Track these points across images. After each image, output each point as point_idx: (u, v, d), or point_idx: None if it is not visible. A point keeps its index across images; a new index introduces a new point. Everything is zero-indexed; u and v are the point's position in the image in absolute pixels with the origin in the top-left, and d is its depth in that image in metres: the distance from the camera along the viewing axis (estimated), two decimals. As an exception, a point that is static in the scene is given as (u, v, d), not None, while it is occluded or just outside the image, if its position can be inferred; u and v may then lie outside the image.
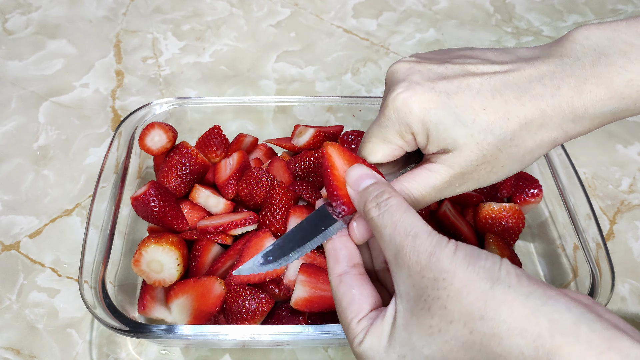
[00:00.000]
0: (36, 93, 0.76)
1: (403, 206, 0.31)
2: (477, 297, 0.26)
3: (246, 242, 0.51)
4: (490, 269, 0.27)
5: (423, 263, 0.28)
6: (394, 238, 0.29)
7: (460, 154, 0.33)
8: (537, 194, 0.58)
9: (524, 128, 0.33)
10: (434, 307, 0.27)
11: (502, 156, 0.34)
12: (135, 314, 0.50)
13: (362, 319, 0.31)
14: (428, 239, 0.28)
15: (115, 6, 0.91)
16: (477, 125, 0.33)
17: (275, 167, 0.58)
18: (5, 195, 0.64)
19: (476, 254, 0.28)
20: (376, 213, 0.31)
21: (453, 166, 0.34)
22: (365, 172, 0.34)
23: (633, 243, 0.62)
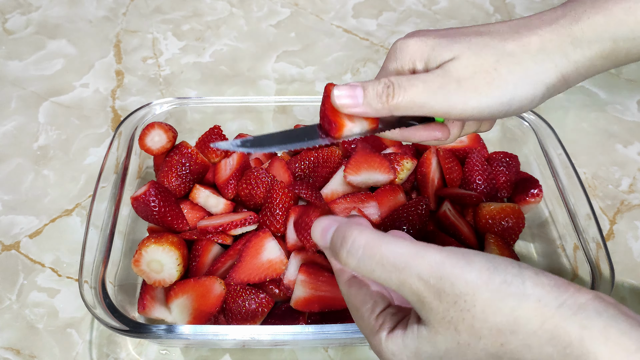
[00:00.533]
0: (36, 93, 0.76)
1: (374, 240, 0.28)
2: (506, 314, 0.26)
3: (246, 242, 0.51)
4: (513, 283, 0.26)
5: (434, 289, 0.27)
6: (389, 278, 0.28)
7: (458, 61, 0.33)
8: (537, 194, 0.58)
9: (522, 49, 0.33)
10: (460, 326, 0.27)
11: (502, 69, 0.32)
12: (135, 314, 0.50)
13: (380, 314, 0.30)
14: (425, 259, 0.27)
15: (115, 6, 0.91)
16: (474, 40, 0.33)
17: (275, 167, 0.58)
18: (5, 195, 0.64)
19: (492, 266, 0.26)
20: (354, 262, 0.29)
21: (449, 70, 0.33)
22: (325, 223, 0.31)
23: (633, 243, 0.62)
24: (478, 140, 0.63)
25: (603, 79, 0.82)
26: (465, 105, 0.33)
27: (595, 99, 0.79)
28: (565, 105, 0.78)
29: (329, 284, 0.48)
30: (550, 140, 0.59)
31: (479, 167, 0.58)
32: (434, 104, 0.33)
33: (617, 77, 0.82)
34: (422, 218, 0.54)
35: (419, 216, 0.53)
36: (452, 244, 0.53)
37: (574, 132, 0.74)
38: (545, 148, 0.59)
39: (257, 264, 0.49)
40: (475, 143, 0.62)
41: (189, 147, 0.57)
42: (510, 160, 0.60)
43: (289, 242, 0.52)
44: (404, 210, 0.54)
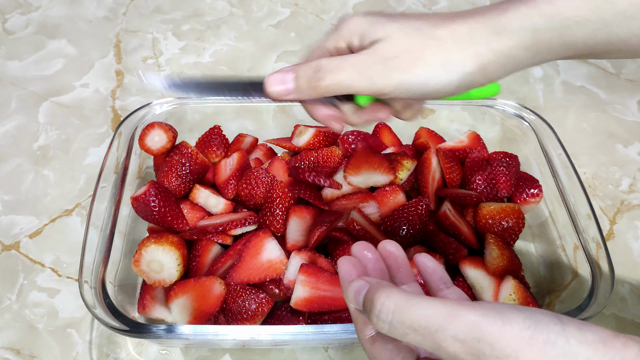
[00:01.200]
0: (36, 93, 0.76)
1: (404, 303, 0.27)
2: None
3: (246, 242, 0.51)
4: (557, 343, 0.24)
5: (473, 350, 0.25)
6: (423, 341, 0.26)
7: (388, 40, 0.34)
8: (537, 194, 0.58)
9: (449, 35, 0.34)
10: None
11: (426, 51, 0.34)
12: (135, 314, 0.50)
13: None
14: (460, 319, 0.26)
15: (115, 6, 0.91)
16: (409, 23, 0.35)
17: (275, 167, 0.58)
18: (5, 195, 0.64)
19: (532, 324, 0.25)
20: (386, 326, 0.28)
21: (377, 49, 0.34)
22: (358, 285, 0.31)
23: (633, 243, 0.62)
24: (478, 140, 0.63)
25: (603, 79, 0.82)
26: (387, 82, 0.34)
27: (595, 99, 0.79)
28: (566, 105, 0.78)
29: (329, 284, 0.48)
30: (550, 140, 0.59)
31: (479, 167, 0.58)
32: (358, 86, 0.35)
33: (617, 77, 0.82)
34: (422, 218, 0.54)
35: (419, 216, 0.53)
36: (452, 244, 0.53)
37: (574, 132, 0.74)
38: (545, 148, 0.59)
39: (257, 264, 0.49)
40: (476, 143, 0.62)
41: (189, 147, 0.57)
42: (510, 160, 0.60)
43: (288, 242, 0.52)
44: (404, 210, 0.54)
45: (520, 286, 0.49)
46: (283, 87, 0.36)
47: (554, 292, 0.55)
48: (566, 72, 0.83)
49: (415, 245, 0.54)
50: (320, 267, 0.49)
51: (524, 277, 0.53)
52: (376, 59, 0.34)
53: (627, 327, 0.55)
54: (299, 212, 0.53)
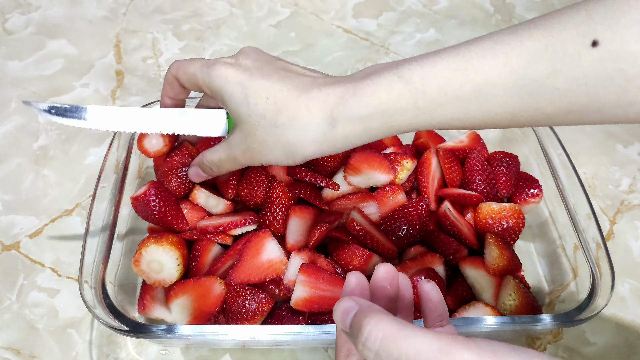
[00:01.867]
0: (36, 93, 0.76)
1: (394, 333, 0.26)
2: None
3: (246, 242, 0.51)
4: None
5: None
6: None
7: (242, 131, 0.42)
8: (537, 194, 0.58)
9: (291, 122, 0.39)
10: None
11: (269, 141, 0.40)
12: (135, 314, 0.50)
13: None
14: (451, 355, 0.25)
15: (115, 6, 0.91)
16: (258, 109, 0.40)
17: (275, 167, 0.58)
18: (5, 195, 0.64)
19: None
20: (372, 355, 0.27)
21: (236, 140, 0.43)
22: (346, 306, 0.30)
23: (633, 243, 0.62)
24: (478, 140, 0.63)
25: (603, 79, 0.82)
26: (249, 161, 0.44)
27: (595, 99, 0.79)
28: (565, 105, 0.78)
29: (329, 284, 0.48)
30: (550, 140, 0.59)
31: (479, 167, 0.58)
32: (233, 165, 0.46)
33: (617, 77, 0.82)
34: (422, 218, 0.54)
35: (419, 216, 0.53)
36: (452, 244, 0.53)
37: (574, 132, 0.74)
38: (545, 148, 0.59)
39: (257, 264, 0.49)
40: (475, 143, 0.62)
41: (190, 147, 0.57)
42: (510, 160, 0.60)
43: (288, 242, 0.52)
44: (404, 210, 0.54)
45: (520, 286, 0.49)
46: (199, 176, 0.50)
47: (553, 292, 0.55)
48: (566, 72, 0.83)
49: (415, 245, 0.54)
50: (320, 267, 0.49)
51: (523, 277, 0.53)
52: (235, 147, 0.43)
53: (627, 327, 0.55)
54: (299, 212, 0.53)
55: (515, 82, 0.34)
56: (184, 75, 0.45)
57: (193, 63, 0.45)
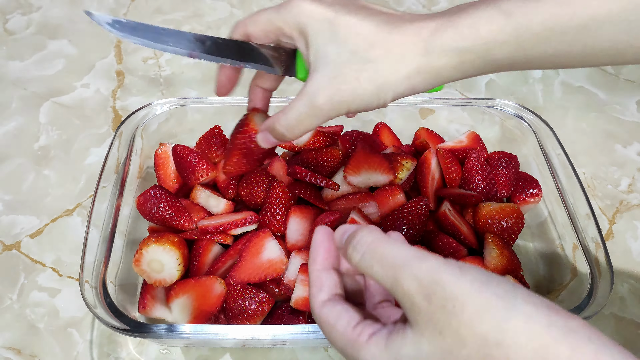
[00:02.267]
0: (37, 93, 0.77)
1: (381, 240, 0.30)
2: (493, 325, 0.25)
3: (246, 241, 0.51)
4: (504, 297, 0.26)
5: (426, 291, 0.27)
6: (385, 275, 0.28)
7: (328, 70, 0.38)
8: (536, 194, 0.59)
9: (384, 57, 0.37)
10: (445, 330, 0.26)
11: (362, 77, 0.37)
12: (135, 314, 0.50)
13: (357, 326, 0.30)
14: (424, 262, 0.27)
15: (116, 7, 0.91)
16: (348, 45, 0.37)
17: (275, 167, 0.59)
18: (6, 195, 0.64)
19: (485, 279, 0.26)
20: (358, 257, 0.30)
21: (321, 83, 0.38)
22: (343, 230, 0.33)
23: (632, 243, 0.62)
24: (478, 140, 0.63)
25: (602, 79, 0.82)
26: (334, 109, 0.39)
27: (594, 99, 0.79)
28: (565, 106, 0.78)
29: (329, 284, 0.48)
30: (549, 141, 0.59)
31: (479, 167, 0.58)
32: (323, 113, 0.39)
33: (617, 78, 0.82)
34: (422, 218, 0.54)
35: (418, 216, 0.53)
36: (451, 244, 0.53)
37: (573, 132, 0.74)
38: (544, 148, 0.59)
39: (258, 263, 0.49)
40: (475, 143, 0.62)
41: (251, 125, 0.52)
42: (510, 160, 0.60)
43: (289, 242, 0.52)
44: (404, 210, 0.54)
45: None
46: (270, 142, 0.42)
47: (553, 292, 0.55)
48: (565, 73, 0.83)
49: (415, 245, 0.54)
50: (320, 267, 0.49)
51: (523, 277, 0.53)
52: (319, 100, 0.38)
53: (627, 326, 0.55)
54: (299, 212, 0.53)
55: (626, 17, 0.33)
56: (255, 26, 0.41)
57: (261, 12, 0.41)
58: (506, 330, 0.25)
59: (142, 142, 0.61)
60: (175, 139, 0.64)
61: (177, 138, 0.64)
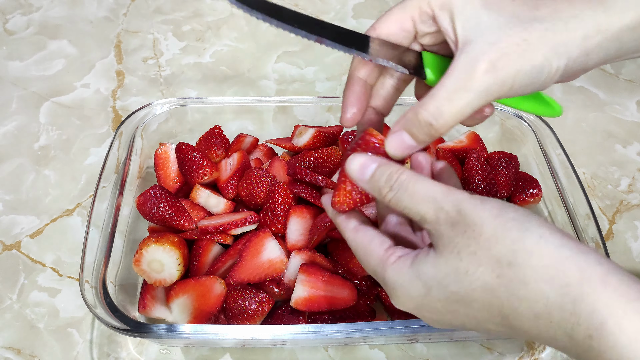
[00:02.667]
0: (37, 93, 0.77)
1: (414, 177, 0.31)
2: (507, 245, 0.27)
3: (246, 241, 0.51)
4: (520, 220, 0.28)
5: (451, 219, 0.29)
6: (416, 206, 0.30)
7: (483, 39, 0.30)
8: (536, 194, 0.59)
9: (554, 14, 0.31)
10: (463, 252, 0.28)
11: (532, 37, 0.30)
12: (135, 314, 0.50)
13: (389, 248, 0.33)
14: (450, 196, 0.29)
15: (116, 7, 0.91)
16: (503, 10, 0.31)
17: (275, 167, 0.59)
18: (6, 195, 0.64)
19: (505, 206, 0.28)
20: (392, 195, 0.32)
21: (476, 52, 0.30)
22: (363, 159, 0.34)
23: (632, 243, 0.62)
24: (478, 140, 0.63)
25: (602, 79, 0.82)
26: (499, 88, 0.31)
27: (594, 99, 0.79)
28: (565, 105, 0.78)
29: (329, 284, 0.48)
30: (549, 140, 0.59)
31: (479, 167, 0.58)
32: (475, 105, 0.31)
33: (617, 78, 0.82)
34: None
35: (418, 216, 0.53)
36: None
37: (573, 132, 0.74)
38: (544, 148, 0.59)
39: (258, 263, 0.49)
40: (475, 143, 0.62)
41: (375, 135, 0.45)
42: (510, 160, 0.60)
43: (289, 242, 0.52)
44: (404, 210, 0.54)
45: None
46: (405, 146, 0.33)
47: (553, 292, 0.55)
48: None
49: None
50: (321, 267, 0.49)
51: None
52: (479, 67, 0.30)
53: (626, 326, 0.55)
54: (299, 212, 0.53)
55: None
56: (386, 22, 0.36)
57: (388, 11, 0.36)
58: (518, 250, 0.27)
59: (142, 142, 0.61)
60: (175, 139, 0.64)
61: (177, 138, 0.64)
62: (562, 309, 0.25)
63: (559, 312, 0.25)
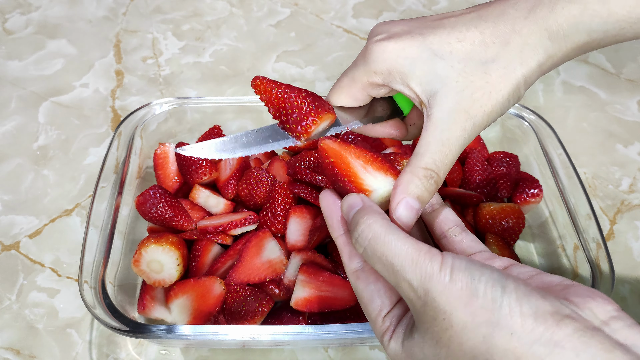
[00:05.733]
0: (36, 93, 0.76)
1: (381, 235, 0.29)
2: (479, 342, 0.25)
3: (246, 242, 0.50)
4: (490, 309, 0.25)
5: (421, 300, 0.27)
6: (387, 275, 0.29)
7: (448, 88, 0.32)
8: (537, 194, 0.58)
9: (505, 49, 0.32)
10: (440, 342, 0.27)
11: (493, 80, 0.32)
12: (135, 314, 0.50)
13: (387, 316, 0.32)
14: (417, 270, 0.28)
15: (115, 6, 0.91)
16: (454, 56, 0.33)
17: (275, 167, 0.58)
18: (5, 195, 0.64)
19: (474, 287, 0.26)
20: (361, 250, 0.31)
21: (449, 103, 0.32)
22: (352, 201, 0.33)
23: (633, 243, 0.62)
24: (478, 140, 0.62)
25: (603, 79, 0.82)
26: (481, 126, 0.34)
27: (595, 99, 0.79)
28: (566, 105, 0.78)
29: (329, 284, 0.48)
30: (550, 140, 0.59)
31: (479, 167, 0.57)
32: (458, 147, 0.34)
33: (617, 77, 0.82)
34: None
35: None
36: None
37: (574, 132, 0.74)
38: (545, 148, 0.58)
39: (257, 264, 0.49)
40: (475, 143, 0.62)
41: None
42: (511, 160, 0.60)
43: (289, 242, 0.52)
44: (404, 210, 0.54)
45: (520, 286, 0.49)
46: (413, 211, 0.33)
47: (554, 292, 0.55)
48: (566, 72, 0.83)
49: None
50: (320, 267, 0.49)
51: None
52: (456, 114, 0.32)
53: (628, 327, 0.55)
54: (299, 212, 0.53)
55: None
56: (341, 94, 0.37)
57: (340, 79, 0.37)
58: (492, 347, 0.25)
59: (142, 142, 0.60)
60: (175, 138, 0.64)
61: (177, 138, 0.64)
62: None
63: None
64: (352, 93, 0.37)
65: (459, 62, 0.32)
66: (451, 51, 0.33)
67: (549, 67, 0.34)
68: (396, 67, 0.34)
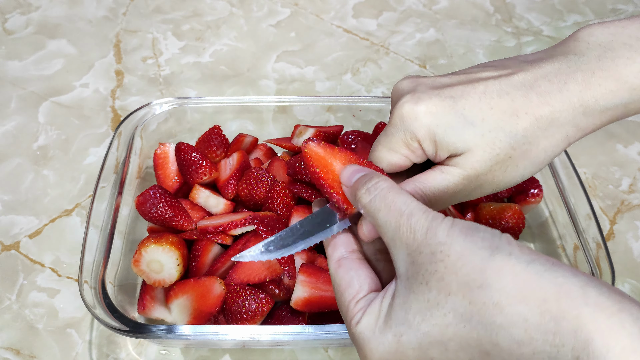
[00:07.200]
0: (36, 93, 0.76)
1: (394, 188, 0.30)
2: (475, 266, 0.25)
3: (246, 242, 0.50)
4: (489, 239, 0.26)
5: (420, 239, 0.27)
6: (389, 220, 0.29)
7: (473, 154, 0.33)
8: (537, 194, 0.58)
9: (535, 125, 0.32)
10: (431, 280, 0.26)
11: (516, 155, 0.33)
12: (135, 314, 0.50)
13: (360, 300, 0.31)
14: (423, 215, 0.28)
15: (115, 6, 0.91)
16: (486, 124, 0.33)
17: (275, 167, 0.58)
18: (5, 195, 0.64)
19: (474, 227, 0.27)
20: (367, 198, 0.31)
21: (466, 167, 0.34)
22: (356, 169, 0.33)
23: (633, 243, 0.62)
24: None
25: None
26: (481, 194, 0.36)
27: (595, 98, 0.79)
28: (566, 105, 0.78)
29: (329, 284, 0.48)
30: (550, 140, 0.59)
31: (479, 167, 0.57)
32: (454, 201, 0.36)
33: (617, 77, 0.82)
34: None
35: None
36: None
37: (574, 132, 0.74)
38: (545, 148, 0.58)
39: (257, 264, 0.49)
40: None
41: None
42: (511, 160, 0.60)
43: (289, 242, 0.52)
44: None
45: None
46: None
47: (554, 292, 0.54)
48: (566, 72, 0.83)
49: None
50: (320, 267, 0.49)
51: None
52: (467, 179, 0.34)
53: (628, 327, 0.55)
54: (299, 212, 0.53)
55: None
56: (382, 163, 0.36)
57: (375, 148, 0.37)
58: (487, 269, 0.25)
59: (142, 142, 0.60)
60: (175, 138, 0.64)
61: (177, 138, 0.64)
62: (544, 331, 0.23)
63: (541, 334, 0.23)
64: (393, 162, 0.36)
65: (490, 131, 0.33)
66: (483, 118, 0.33)
67: (577, 139, 0.34)
68: (427, 134, 0.34)
